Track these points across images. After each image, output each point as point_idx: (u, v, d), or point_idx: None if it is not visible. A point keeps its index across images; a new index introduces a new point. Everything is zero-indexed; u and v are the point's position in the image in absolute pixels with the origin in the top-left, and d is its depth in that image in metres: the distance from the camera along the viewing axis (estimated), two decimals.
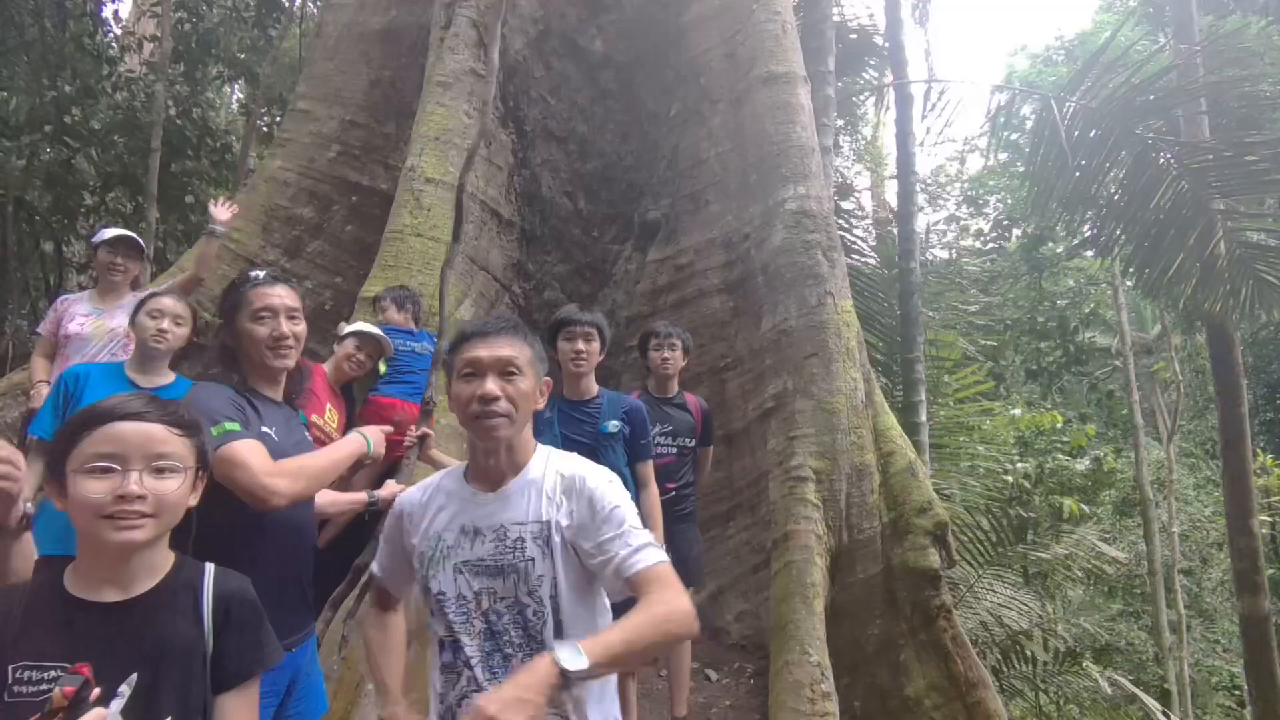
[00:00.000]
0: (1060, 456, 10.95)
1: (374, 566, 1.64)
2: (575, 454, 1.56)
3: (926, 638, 3.54)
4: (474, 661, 1.38)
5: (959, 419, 8.25)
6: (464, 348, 1.48)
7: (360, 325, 3.53)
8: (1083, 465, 10.89)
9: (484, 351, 1.45)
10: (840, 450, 3.73)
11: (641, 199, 4.90)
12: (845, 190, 17.16)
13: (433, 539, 1.46)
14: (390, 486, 2.65)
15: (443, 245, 4.10)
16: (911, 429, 6.73)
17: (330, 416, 3.31)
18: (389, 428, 2.30)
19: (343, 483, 3.37)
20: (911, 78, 7.72)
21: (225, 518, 1.56)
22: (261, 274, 1.91)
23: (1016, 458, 10.74)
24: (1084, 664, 6.81)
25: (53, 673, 1.03)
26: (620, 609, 1.33)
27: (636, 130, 4.99)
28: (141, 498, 1.11)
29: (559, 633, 1.36)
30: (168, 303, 2.82)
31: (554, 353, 2.87)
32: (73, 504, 1.11)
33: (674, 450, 3.20)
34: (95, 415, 1.14)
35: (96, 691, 0.96)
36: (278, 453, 1.75)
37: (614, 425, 2.71)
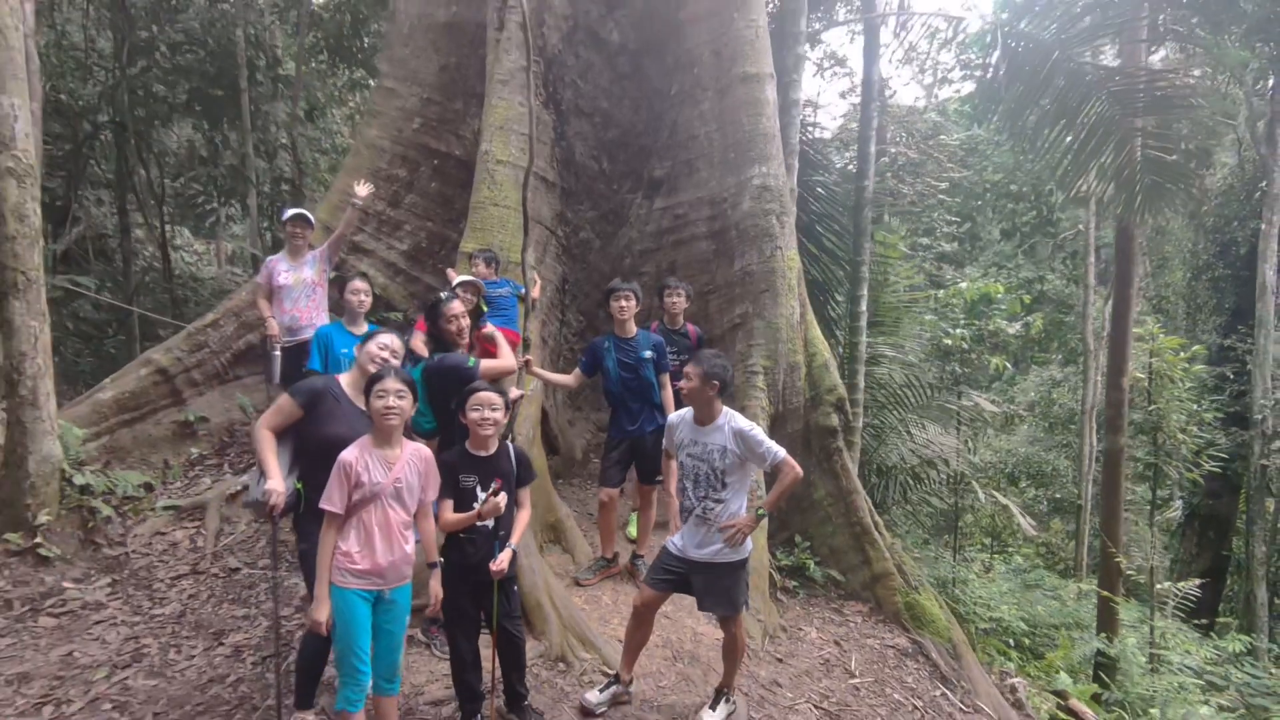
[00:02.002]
0: (999, 320, 12.99)
1: (664, 443, 3.76)
2: (738, 414, 3.56)
3: (826, 467, 5.80)
4: (688, 491, 3.54)
5: (905, 301, 10.16)
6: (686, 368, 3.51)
7: (464, 277, 5.36)
8: (1015, 329, 12.97)
9: (691, 368, 3.48)
10: (781, 354, 5.80)
11: (649, 160, 6.56)
12: (837, 58, 17.75)
13: (679, 439, 3.60)
14: (514, 391, 4.73)
15: (513, 211, 5.87)
16: (855, 315, 8.75)
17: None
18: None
19: None
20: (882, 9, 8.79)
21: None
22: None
23: (961, 322, 12.70)
24: (972, 484, 9.29)
25: (473, 479, 3.15)
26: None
27: (646, 105, 6.54)
28: (488, 420, 3.16)
29: (724, 488, 3.46)
30: (359, 284, 4.75)
31: (608, 307, 4.82)
32: (468, 421, 3.17)
33: (679, 362, 5.24)
34: (472, 390, 3.17)
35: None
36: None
37: (648, 353, 4.74)
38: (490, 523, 3.10)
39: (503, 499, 3.04)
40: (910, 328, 10.75)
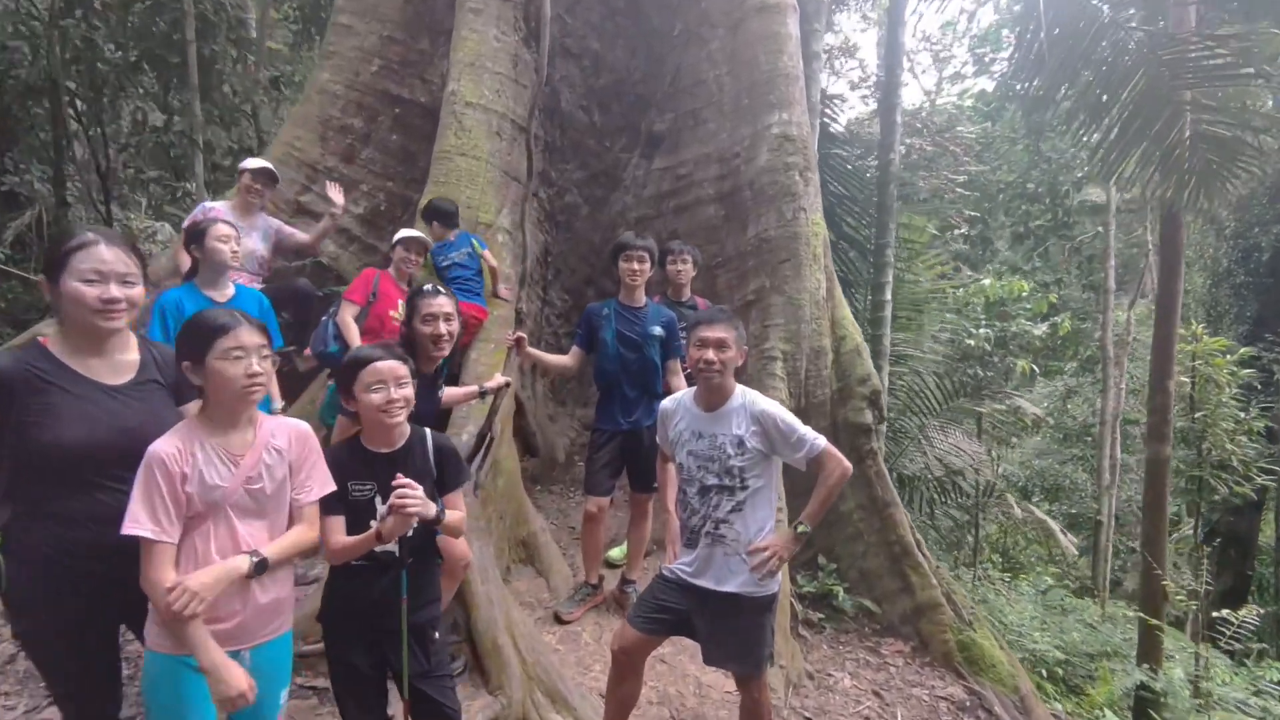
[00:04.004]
0: (1023, 321, 12.03)
1: (658, 439, 2.81)
2: (757, 392, 2.61)
3: (858, 472, 4.78)
4: (693, 502, 2.58)
5: (929, 293, 9.20)
6: (697, 329, 2.56)
7: (408, 231, 4.28)
8: (1041, 330, 12.01)
9: (708, 334, 2.52)
10: (803, 336, 4.81)
11: (648, 112, 5.59)
12: (849, 49, 16.94)
13: (677, 433, 2.63)
14: (497, 378, 3.70)
15: (483, 163, 4.90)
16: (879, 305, 7.77)
17: (402, 310, 4.22)
18: None
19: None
20: None
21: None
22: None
23: (983, 322, 11.77)
24: (1005, 496, 8.29)
25: (369, 486, 2.13)
26: None
27: (643, 47, 5.58)
28: (396, 401, 2.16)
29: (743, 493, 2.52)
30: (224, 228, 3.27)
31: (615, 269, 3.81)
32: (362, 407, 2.16)
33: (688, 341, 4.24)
34: (363, 359, 2.16)
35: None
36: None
37: (657, 330, 3.73)
38: (394, 546, 2.09)
39: (417, 506, 2.02)
40: (932, 325, 9.80)
